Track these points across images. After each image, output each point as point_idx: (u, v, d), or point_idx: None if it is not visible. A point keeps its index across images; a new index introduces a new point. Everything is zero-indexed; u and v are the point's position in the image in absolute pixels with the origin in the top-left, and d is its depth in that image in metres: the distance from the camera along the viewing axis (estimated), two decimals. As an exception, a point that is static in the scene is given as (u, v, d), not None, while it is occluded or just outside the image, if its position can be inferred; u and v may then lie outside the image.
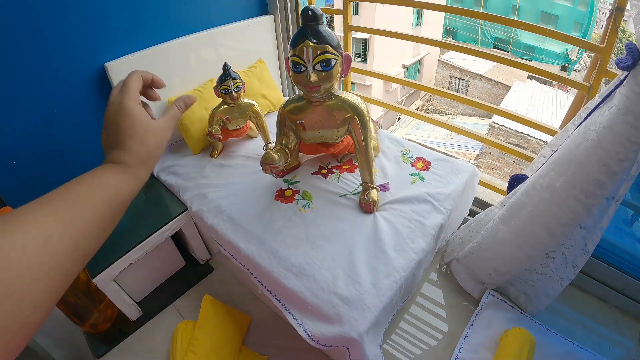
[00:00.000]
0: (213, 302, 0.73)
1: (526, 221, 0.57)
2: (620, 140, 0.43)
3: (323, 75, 0.50)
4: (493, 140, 0.92)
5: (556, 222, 0.54)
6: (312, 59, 0.48)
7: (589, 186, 0.48)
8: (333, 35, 0.49)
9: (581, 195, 0.49)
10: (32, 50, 0.70)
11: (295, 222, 0.63)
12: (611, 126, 0.44)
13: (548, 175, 0.54)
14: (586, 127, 0.49)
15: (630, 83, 0.41)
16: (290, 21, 1.10)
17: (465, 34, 9.11)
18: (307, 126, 0.58)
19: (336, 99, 0.55)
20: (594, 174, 0.47)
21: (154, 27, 0.87)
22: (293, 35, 0.50)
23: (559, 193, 0.52)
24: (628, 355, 0.66)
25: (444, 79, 8.74)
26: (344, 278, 0.53)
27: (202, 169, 0.85)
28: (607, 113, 0.45)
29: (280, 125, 0.61)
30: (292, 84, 1.24)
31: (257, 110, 0.85)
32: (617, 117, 0.43)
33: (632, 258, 0.69)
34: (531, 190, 0.57)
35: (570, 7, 7.40)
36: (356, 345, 0.47)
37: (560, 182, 0.51)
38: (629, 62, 0.40)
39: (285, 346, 0.69)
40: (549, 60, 7.89)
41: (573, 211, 0.51)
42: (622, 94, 0.42)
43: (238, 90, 0.80)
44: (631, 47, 0.40)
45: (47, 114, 0.77)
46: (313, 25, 0.48)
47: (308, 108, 0.56)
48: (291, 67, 0.51)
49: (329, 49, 0.48)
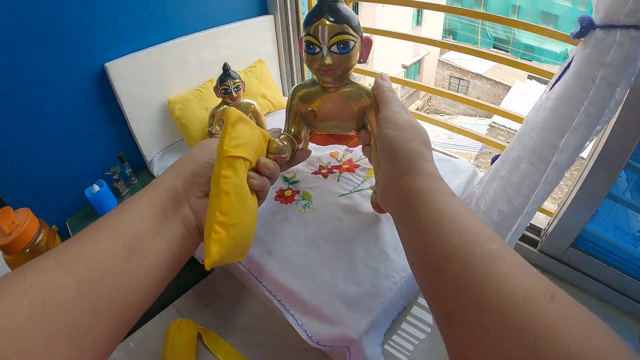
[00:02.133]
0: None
1: (492, 196, 0.58)
2: (574, 104, 0.45)
3: (339, 58, 0.44)
4: (493, 140, 0.92)
5: (516, 194, 0.54)
6: (327, 39, 0.43)
7: (547, 153, 0.49)
8: (353, 15, 0.44)
9: (540, 163, 0.50)
10: (32, 50, 0.70)
11: (295, 222, 0.63)
12: (565, 91, 0.46)
13: (514, 148, 0.55)
14: (547, 97, 0.51)
15: (581, 50, 0.44)
16: (290, 21, 1.10)
17: (465, 34, 9.11)
18: (319, 115, 0.51)
19: (353, 86, 0.49)
20: (551, 139, 0.49)
21: (154, 27, 0.87)
22: (308, 13, 0.45)
23: (520, 162, 0.53)
24: (628, 356, 0.66)
25: (444, 79, 8.74)
26: (344, 279, 0.53)
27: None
28: (562, 82, 0.47)
29: (290, 111, 0.55)
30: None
31: (256, 110, 0.84)
32: (570, 82, 0.46)
33: (632, 258, 0.69)
34: (500, 165, 0.58)
35: (570, 7, 7.40)
36: (356, 345, 0.47)
37: (522, 152, 0.53)
38: (579, 31, 0.43)
39: (285, 346, 0.69)
40: (549, 60, 7.89)
41: (532, 180, 0.52)
42: (576, 60, 0.45)
43: (238, 90, 0.79)
44: (583, 18, 0.43)
45: (47, 114, 0.77)
46: (331, 2, 0.43)
47: (321, 95, 0.50)
48: (304, 47, 0.46)
49: (347, 29, 0.43)
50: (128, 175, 0.94)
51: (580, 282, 0.74)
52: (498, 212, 0.57)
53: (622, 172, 0.61)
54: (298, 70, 1.22)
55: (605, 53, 0.42)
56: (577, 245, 0.72)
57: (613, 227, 0.76)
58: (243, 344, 0.71)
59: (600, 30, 0.42)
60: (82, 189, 0.85)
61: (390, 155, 0.34)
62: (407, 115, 0.37)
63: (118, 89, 0.83)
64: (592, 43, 0.43)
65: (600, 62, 0.42)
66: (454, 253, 0.23)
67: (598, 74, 0.42)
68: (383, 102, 0.40)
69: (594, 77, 0.43)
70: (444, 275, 0.23)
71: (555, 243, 0.74)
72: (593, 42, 0.42)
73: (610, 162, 0.60)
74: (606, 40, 0.41)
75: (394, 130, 0.35)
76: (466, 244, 0.23)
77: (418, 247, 0.27)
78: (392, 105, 0.38)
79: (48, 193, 0.85)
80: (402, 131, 0.34)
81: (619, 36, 0.40)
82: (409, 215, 0.29)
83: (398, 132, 0.34)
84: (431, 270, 0.25)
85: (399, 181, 0.32)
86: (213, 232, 0.28)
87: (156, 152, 0.97)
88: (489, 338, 0.19)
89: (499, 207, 0.57)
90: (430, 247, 0.25)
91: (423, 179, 0.30)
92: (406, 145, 0.33)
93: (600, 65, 0.42)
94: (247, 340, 0.71)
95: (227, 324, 0.75)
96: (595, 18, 0.42)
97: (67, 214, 0.89)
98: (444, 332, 0.23)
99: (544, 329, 0.17)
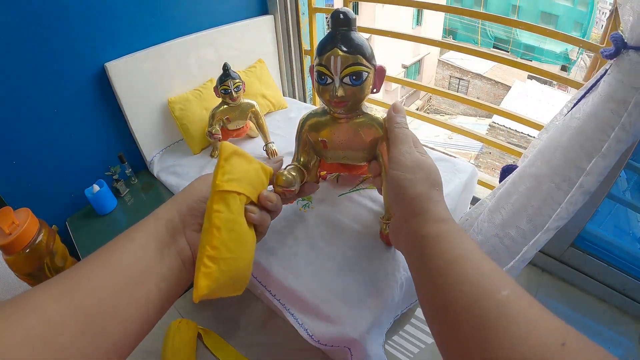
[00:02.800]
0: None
1: (510, 211, 0.57)
2: (603, 127, 0.44)
3: (352, 89, 0.42)
4: (493, 140, 0.92)
5: (537, 212, 0.53)
6: (340, 70, 0.41)
7: (572, 174, 0.48)
8: (367, 44, 0.42)
9: (563, 183, 0.49)
10: (32, 50, 0.70)
11: (295, 222, 0.63)
12: (594, 113, 0.44)
13: (534, 164, 0.54)
14: (571, 115, 0.49)
15: (613, 71, 0.42)
16: (290, 21, 1.10)
17: (465, 34, 9.11)
18: (330, 145, 0.50)
19: (365, 116, 0.47)
20: (576, 161, 0.47)
21: (154, 27, 0.87)
22: (320, 41, 0.43)
23: (542, 181, 0.52)
24: (628, 355, 0.66)
25: (444, 79, 8.74)
26: (344, 278, 0.53)
27: (202, 169, 0.85)
28: (591, 101, 0.46)
29: (300, 141, 0.53)
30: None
31: (257, 110, 0.84)
32: (599, 104, 0.44)
33: (632, 258, 0.69)
34: (517, 180, 0.57)
35: (570, 7, 7.40)
36: (357, 345, 0.47)
37: (544, 170, 0.51)
38: (612, 51, 0.41)
39: (285, 346, 0.69)
40: (549, 60, 7.90)
41: (555, 201, 0.51)
42: (606, 82, 0.43)
43: (238, 91, 0.79)
44: (615, 37, 0.41)
45: (47, 114, 0.77)
46: (344, 31, 0.41)
47: (332, 124, 0.48)
48: (315, 77, 0.44)
49: (361, 59, 0.41)
50: (128, 175, 0.94)
51: (580, 282, 0.74)
52: (517, 228, 0.56)
53: (622, 172, 0.61)
54: (298, 70, 1.22)
55: (639, 77, 0.39)
56: (577, 245, 0.72)
57: (613, 227, 0.76)
58: (243, 344, 0.71)
59: (634, 52, 0.39)
60: (82, 189, 0.85)
61: (398, 197, 0.34)
62: (416, 155, 0.37)
63: (118, 89, 0.83)
64: (625, 65, 0.40)
65: (634, 86, 0.40)
66: (465, 305, 0.23)
67: (632, 100, 0.40)
68: (392, 140, 0.39)
69: (626, 102, 0.41)
70: (455, 326, 0.23)
71: (555, 243, 0.74)
72: (627, 64, 0.40)
73: (610, 162, 0.60)
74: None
75: (402, 172, 0.34)
76: (477, 294, 0.23)
77: (428, 293, 0.27)
78: (400, 144, 0.38)
79: (48, 193, 0.84)
80: (410, 173, 0.34)
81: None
82: (418, 263, 0.29)
83: (406, 173, 0.34)
84: (442, 319, 0.25)
85: (408, 224, 0.32)
86: (203, 265, 0.29)
87: (156, 152, 0.98)
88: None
89: (518, 224, 0.56)
90: (440, 297, 0.25)
91: (431, 225, 0.30)
92: (413, 188, 0.33)
93: (634, 90, 0.40)
94: (247, 340, 0.71)
95: (227, 324, 0.75)
96: (627, 38, 0.40)
97: (67, 214, 0.89)
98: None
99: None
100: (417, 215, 0.31)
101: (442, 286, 0.25)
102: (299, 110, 1.08)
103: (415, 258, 0.30)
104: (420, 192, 0.33)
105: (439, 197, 0.33)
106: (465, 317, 0.23)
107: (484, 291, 0.23)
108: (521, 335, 0.20)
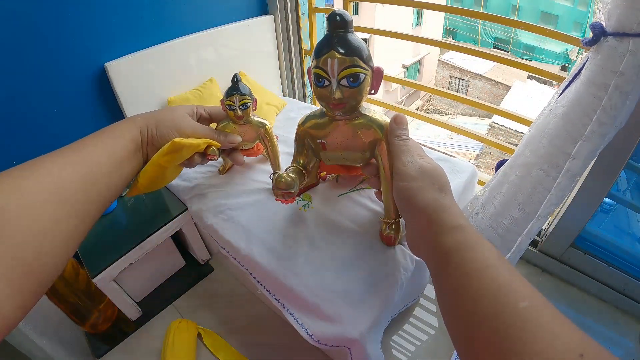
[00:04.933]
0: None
1: (502, 201, 0.58)
2: (586, 112, 0.45)
3: (349, 91, 0.42)
4: (493, 140, 0.92)
5: (528, 200, 0.54)
6: (337, 72, 0.41)
7: (559, 160, 0.49)
8: (364, 45, 0.42)
9: (551, 170, 0.50)
10: (32, 50, 0.70)
11: (295, 222, 0.63)
12: (578, 99, 0.45)
13: (523, 153, 0.54)
14: (557, 104, 0.50)
15: (594, 58, 0.43)
16: (290, 21, 1.10)
17: (465, 34, 9.12)
18: (328, 146, 0.50)
19: (363, 117, 0.47)
20: (563, 147, 0.48)
21: (154, 27, 0.87)
22: (317, 44, 0.43)
23: (531, 169, 0.52)
24: (628, 355, 0.66)
25: (444, 79, 8.74)
26: (344, 277, 0.53)
27: (202, 168, 0.84)
28: (574, 88, 0.47)
29: (299, 142, 0.53)
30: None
31: (269, 132, 0.67)
32: (582, 90, 0.45)
33: (632, 258, 0.69)
34: (508, 170, 0.57)
35: (570, 7, 7.41)
36: (357, 345, 0.47)
37: (533, 158, 0.52)
38: (592, 38, 0.43)
39: (285, 346, 0.69)
40: (549, 60, 7.90)
41: (544, 187, 0.51)
42: (588, 68, 0.44)
43: (245, 109, 0.62)
44: (595, 25, 0.42)
45: (47, 114, 0.77)
46: (341, 33, 0.41)
47: (330, 126, 0.49)
48: (313, 80, 0.44)
49: (358, 61, 0.41)
50: (128, 175, 0.94)
51: (580, 282, 0.74)
52: (510, 217, 0.57)
53: (622, 172, 0.61)
54: (298, 70, 1.22)
55: (618, 61, 0.41)
56: (577, 245, 0.72)
57: (613, 227, 0.76)
58: (243, 344, 0.71)
59: (612, 38, 0.41)
60: (82, 189, 0.84)
61: (408, 208, 0.34)
62: (419, 162, 0.37)
63: (118, 89, 0.83)
64: (604, 51, 0.42)
65: (613, 70, 0.41)
66: (483, 318, 0.23)
67: (611, 83, 0.42)
68: (394, 153, 0.40)
69: (607, 85, 0.42)
70: (474, 338, 0.24)
71: (555, 243, 0.74)
72: (606, 49, 0.41)
73: (610, 162, 0.60)
74: (619, 49, 0.40)
75: (407, 182, 0.34)
76: (495, 307, 0.23)
77: (450, 305, 0.27)
78: (402, 155, 0.38)
79: (48, 193, 0.84)
80: (415, 181, 0.34)
81: (631, 45, 0.39)
82: (437, 277, 0.29)
83: (411, 182, 0.34)
84: (461, 330, 0.25)
85: (423, 236, 0.32)
86: (139, 184, 0.44)
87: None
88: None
89: (511, 213, 0.56)
90: (460, 308, 0.26)
91: (446, 236, 0.29)
92: (421, 196, 0.33)
93: (613, 73, 0.41)
94: (247, 340, 0.71)
95: (227, 324, 0.75)
96: (606, 25, 0.41)
97: (67, 214, 0.89)
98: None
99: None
100: (430, 226, 0.31)
101: (462, 297, 0.25)
102: (299, 110, 1.08)
103: (434, 269, 0.30)
104: (429, 200, 0.32)
105: (449, 202, 0.32)
106: (483, 331, 0.23)
107: (501, 304, 0.23)
108: (541, 348, 0.20)
